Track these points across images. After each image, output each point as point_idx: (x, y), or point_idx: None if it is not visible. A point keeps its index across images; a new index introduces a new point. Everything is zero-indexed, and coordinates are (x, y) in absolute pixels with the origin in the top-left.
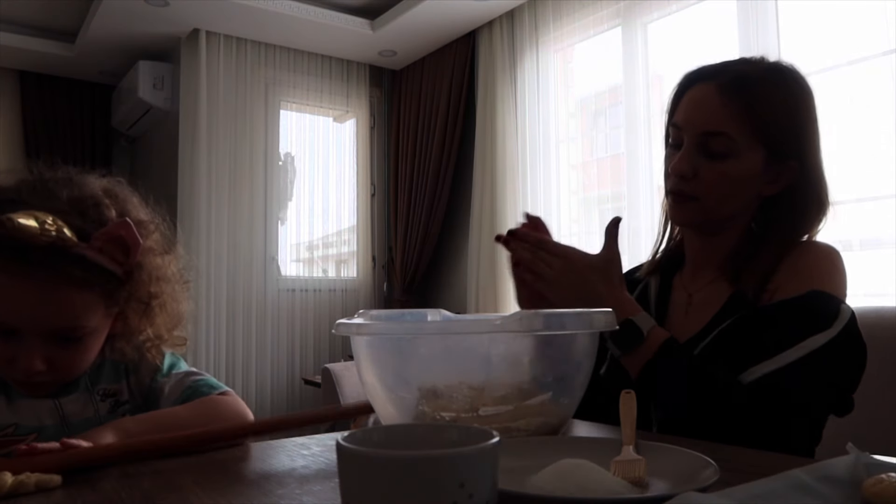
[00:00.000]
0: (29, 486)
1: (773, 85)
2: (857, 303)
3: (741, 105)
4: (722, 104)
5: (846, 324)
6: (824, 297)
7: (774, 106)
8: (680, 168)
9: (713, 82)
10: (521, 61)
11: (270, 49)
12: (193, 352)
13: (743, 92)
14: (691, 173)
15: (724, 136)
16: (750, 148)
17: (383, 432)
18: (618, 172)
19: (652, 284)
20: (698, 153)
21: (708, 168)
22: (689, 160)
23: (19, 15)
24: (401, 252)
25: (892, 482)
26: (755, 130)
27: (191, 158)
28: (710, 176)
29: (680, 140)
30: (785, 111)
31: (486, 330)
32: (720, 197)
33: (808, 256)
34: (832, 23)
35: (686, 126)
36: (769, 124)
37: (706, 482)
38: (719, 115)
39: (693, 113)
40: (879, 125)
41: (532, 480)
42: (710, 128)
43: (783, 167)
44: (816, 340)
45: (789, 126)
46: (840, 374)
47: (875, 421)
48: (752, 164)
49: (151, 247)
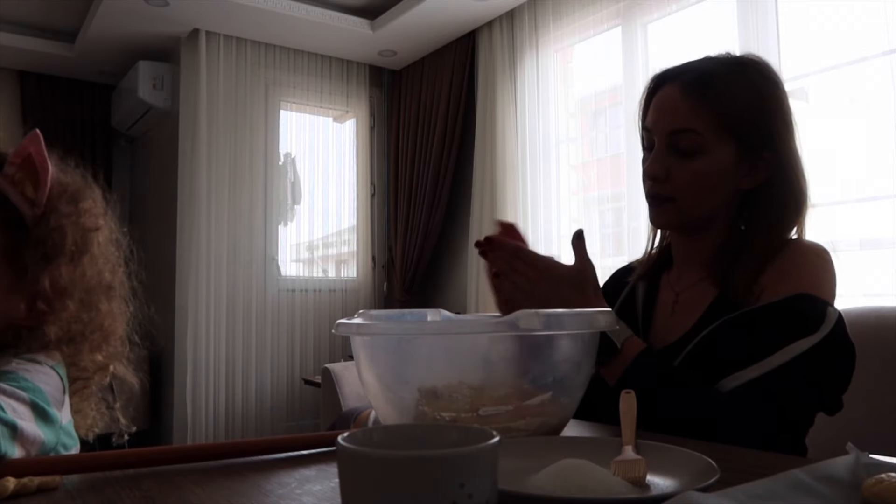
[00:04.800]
0: (31, 489)
1: (734, 77)
2: (856, 303)
3: (705, 100)
4: (685, 102)
5: (832, 327)
6: (810, 300)
7: (739, 98)
8: (652, 170)
9: (677, 82)
10: (521, 61)
11: (270, 49)
12: (194, 352)
13: (706, 88)
14: (664, 174)
15: (692, 132)
16: (719, 143)
17: (383, 432)
18: (618, 172)
19: (640, 284)
20: (669, 154)
21: (680, 167)
22: (661, 161)
23: (19, 15)
24: (401, 252)
25: (892, 482)
26: (722, 124)
27: (191, 158)
28: (683, 175)
29: (651, 143)
30: (750, 102)
31: (486, 330)
32: (695, 195)
33: (795, 256)
34: (832, 23)
35: (655, 128)
36: (735, 117)
37: (706, 482)
38: (684, 112)
39: (660, 114)
40: (879, 125)
41: (532, 480)
42: (677, 126)
43: (757, 159)
44: (801, 345)
45: (757, 117)
46: (826, 378)
47: (875, 421)
48: (723, 159)
49: (70, 191)
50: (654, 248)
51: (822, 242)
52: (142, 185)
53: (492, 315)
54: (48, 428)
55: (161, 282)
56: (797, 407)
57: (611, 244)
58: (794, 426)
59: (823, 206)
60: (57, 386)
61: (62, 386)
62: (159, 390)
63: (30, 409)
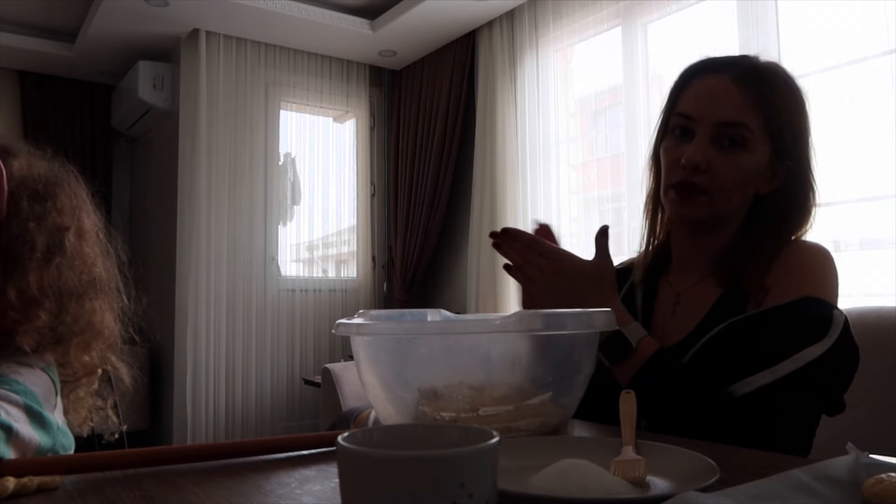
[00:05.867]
0: (31, 489)
1: (782, 81)
2: (856, 303)
3: (759, 96)
4: (741, 95)
5: (840, 332)
6: (817, 303)
7: (785, 102)
8: (695, 159)
9: (726, 73)
10: (521, 61)
11: (270, 49)
12: (194, 352)
13: (760, 83)
14: (705, 165)
15: (743, 127)
16: (761, 142)
17: (383, 432)
18: (618, 172)
19: (637, 288)
20: (711, 145)
21: (722, 160)
22: (704, 151)
23: (19, 15)
24: (401, 252)
25: (892, 482)
26: (767, 125)
27: (191, 158)
28: (724, 168)
29: (688, 131)
30: (792, 108)
31: (486, 330)
32: (729, 191)
33: (799, 257)
34: (832, 23)
35: (700, 115)
36: (780, 119)
37: (706, 482)
38: (738, 104)
39: (709, 102)
40: (879, 125)
41: (532, 480)
42: (730, 118)
43: (780, 165)
44: (812, 352)
45: (794, 124)
46: (834, 383)
47: (875, 421)
48: (760, 159)
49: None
50: (651, 248)
51: (822, 242)
52: (142, 185)
53: (492, 315)
54: (44, 432)
55: (161, 282)
56: (808, 412)
57: (611, 244)
58: (804, 429)
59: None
60: (48, 388)
61: (54, 388)
62: (159, 390)
63: (24, 413)
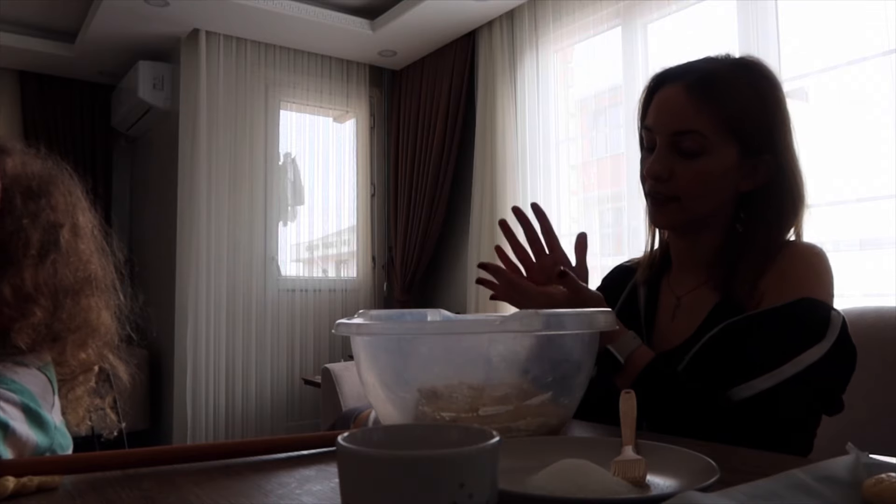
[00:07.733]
0: (31, 488)
1: (738, 79)
2: (856, 303)
3: (709, 102)
4: (690, 103)
5: (839, 333)
6: (813, 304)
7: (742, 100)
8: (654, 170)
9: (680, 82)
10: (521, 61)
11: (270, 49)
12: (194, 352)
13: (710, 89)
14: (666, 174)
15: (696, 133)
16: (723, 144)
17: (383, 432)
18: (618, 172)
19: (640, 288)
20: (672, 153)
21: (683, 167)
22: (663, 161)
23: (19, 15)
24: (401, 252)
25: (892, 482)
26: (725, 126)
27: (191, 158)
28: (686, 175)
29: (653, 142)
30: (753, 104)
31: (486, 330)
32: (699, 195)
33: (794, 258)
34: (832, 23)
35: (657, 127)
36: (738, 119)
37: (706, 482)
38: (688, 113)
39: (662, 114)
40: (879, 125)
41: (532, 480)
42: (681, 127)
43: (758, 161)
44: (812, 354)
45: (759, 119)
46: (834, 384)
47: (875, 421)
48: (726, 160)
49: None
50: (653, 249)
51: (817, 243)
52: (142, 185)
53: (492, 315)
54: (41, 431)
55: (161, 281)
56: (809, 414)
57: (611, 244)
58: (804, 431)
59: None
60: (45, 387)
61: (51, 388)
62: (159, 390)
63: (21, 412)
